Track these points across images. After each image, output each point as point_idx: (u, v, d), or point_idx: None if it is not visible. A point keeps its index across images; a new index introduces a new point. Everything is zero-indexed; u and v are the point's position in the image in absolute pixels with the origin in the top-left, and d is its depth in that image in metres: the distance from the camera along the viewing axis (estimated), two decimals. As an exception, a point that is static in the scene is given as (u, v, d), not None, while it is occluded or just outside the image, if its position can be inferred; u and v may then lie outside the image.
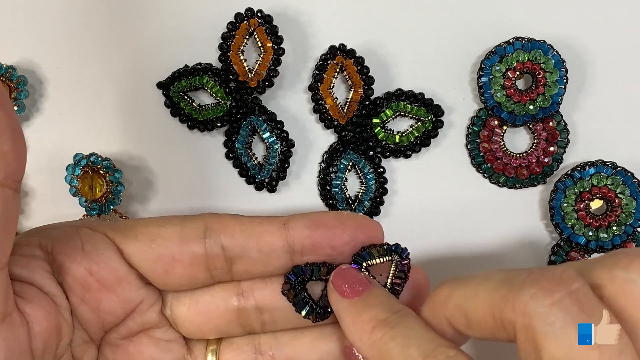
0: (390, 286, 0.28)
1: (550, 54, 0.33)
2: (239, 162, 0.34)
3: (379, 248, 0.27)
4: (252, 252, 0.27)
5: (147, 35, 0.34)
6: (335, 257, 0.28)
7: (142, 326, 0.28)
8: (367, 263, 0.27)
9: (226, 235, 0.27)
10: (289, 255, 0.28)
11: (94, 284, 0.26)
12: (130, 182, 0.34)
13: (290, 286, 0.27)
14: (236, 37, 0.33)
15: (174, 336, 0.29)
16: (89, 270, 0.26)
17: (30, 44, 0.34)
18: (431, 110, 0.34)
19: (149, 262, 0.27)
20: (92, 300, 0.26)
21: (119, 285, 0.27)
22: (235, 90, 0.34)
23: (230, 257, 0.27)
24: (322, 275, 0.27)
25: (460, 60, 0.34)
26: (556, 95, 0.33)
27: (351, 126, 0.34)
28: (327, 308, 0.28)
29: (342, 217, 0.28)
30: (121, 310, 0.27)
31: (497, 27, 0.34)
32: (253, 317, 0.29)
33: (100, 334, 0.28)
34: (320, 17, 0.34)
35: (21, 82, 0.33)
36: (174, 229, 0.27)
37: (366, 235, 0.28)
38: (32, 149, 0.34)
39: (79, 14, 0.34)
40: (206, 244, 0.27)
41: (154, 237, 0.27)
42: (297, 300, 0.28)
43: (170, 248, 0.27)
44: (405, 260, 0.28)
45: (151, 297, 0.28)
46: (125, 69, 0.34)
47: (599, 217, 0.33)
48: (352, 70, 0.33)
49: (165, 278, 0.27)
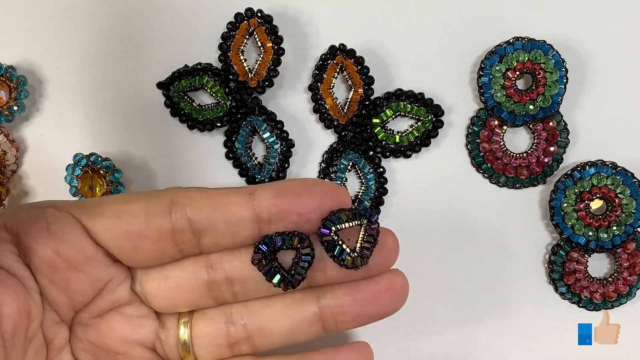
0: (359, 250, 0.27)
1: (550, 54, 0.33)
2: (239, 162, 0.34)
3: (348, 212, 0.27)
4: (219, 224, 0.27)
5: (147, 35, 0.34)
6: (302, 224, 0.27)
7: (113, 304, 0.28)
8: (336, 227, 0.27)
9: (192, 208, 0.27)
10: (257, 225, 0.27)
11: (62, 264, 0.26)
12: (131, 182, 0.34)
13: (262, 256, 0.27)
14: (236, 37, 0.33)
15: (145, 312, 0.29)
16: (55, 251, 0.26)
17: (30, 44, 0.34)
18: (431, 110, 0.34)
19: (116, 239, 0.27)
20: (61, 281, 0.26)
21: (86, 264, 0.27)
22: (235, 90, 0.34)
23: (197, 230, 0.27)
24: (294, 244, 0.27)
25: (460, 60, 0.34)
26: (556, 95, 0.33)
27: (351, 126, 0.34)
28: (298, 275, 0.27)
29: (308, 184, 0.27)
30: (90, 289, 0.27)
31: (497, 27, 0.34)
32: (224, 288, 0.29)
33: (70, 314, 0.27)
34: (320, 17, 0.34)
35: (21, 82, 0.33)
36: (140, 204, 0.27)
37: (333, 200, 0.27)
38: (32, 149, 0.34)
39: (79, 14, 0.34)
40: (172, 218, 0.27)
41: (120, 214, 0.27)
42: (268, 270, 0.27)
43: (137, 224, 0.27)
44: (374, 224, 0.27)
45: (120, 275, 0.28)
46: (125, 69, 0.34)
47: (599, 217, 0.33)
48: (352, 70, 0.33)
49: (134, 254, 0.27)
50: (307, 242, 0.27)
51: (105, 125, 0.34)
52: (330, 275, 0.28)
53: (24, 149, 0.34)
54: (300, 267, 0.27)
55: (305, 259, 0.27)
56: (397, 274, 0.29)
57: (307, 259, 0.27)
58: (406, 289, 0.29)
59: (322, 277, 0.28)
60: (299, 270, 0.27)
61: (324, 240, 0.27)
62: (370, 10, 0.34)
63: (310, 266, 0.27)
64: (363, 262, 0.27)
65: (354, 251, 0.27)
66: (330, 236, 0.27)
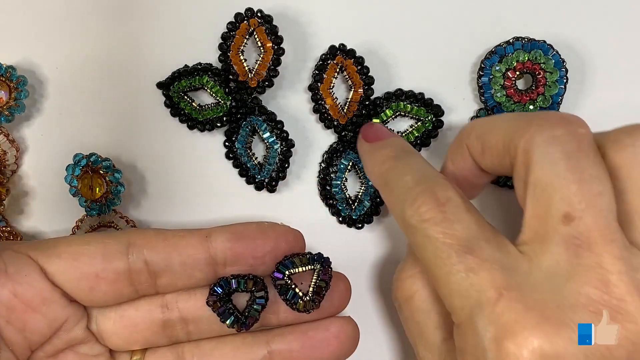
0: (311, 295, 0.28)
1: (550, 54, 0.33)
2: (239, 162, 0.34)
3: (302, 257, 0.28)
4: (175, 266, 0.28)
5: (147, 35, 0.34)
6: (257, 267, 0.28)
7: (69, 343, 0.29)
8: (289, 271, 0.28)
9: (149, 249, 0.28)
10: (212, 267, 0.28)
11: (19, 305, 0.26)
12: (130, 182, 0.34)
13: (217, 298, 0.28)
14: (236, 37, 0.33)
15: (100, 350, 0.29)
16: (13, 292, 0.26)
17: (30, 44, 0.34)
18: (431, 110, 0.34)
19: (73, 280, 0.27)
20: (18, 322, 0.27)
21: (44, 305, 0.27)
22: (235, 90, 0.34)
23: (153, 271, 0.28)
24: (248, 287, 0.28)
25: (460, 60, 0.34)
26: (556, 95, 0.33)
27: (351, 126, 0.34)
28: (251, 318, 0.28)
29: (263, 227, 0.29)
30: (47, 329, 0.28)
31: (497, 27, 0.34)
32: (178, 327, 0.29)
33: (26, 354, 0.28)
34: (320, 17, 0.34)
35: (21, 82, 0.33)
36: (97, 246, 0.28)
37: (288, 244, 0.29)
38: (32, 149, 0.34)
39: (79, 14, 0.34)
40: (129, 259, 0.28)
41: (77, 256, 0.27)
42: (222, 312, 0.28)
43: (94, 265, 0.27)
44: (327, 269, 0.29)
45: (77, 314, 0.28)
46: (125, 69, 0.34)
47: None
48: (352, 70, 0.33)
49: (90, 295, 0.28)
50: (261, 285, 0.28)
51: (105, 125, 0.34)
52: (283, 317, 0.29)
53: (24, 149, 0.34)
54: (254, 310, 0.28)
55: (259, 302, 0.28)
56: (348, 322, 0.30)
57: (261, 302, 0.28)
58: (356, 337, 0.30)
59: (275, 319, 0.29)
60: (253, 313, 0.28)
61: (277, 284, 0.28)
62: (370, 10, 0.34)
63: (263, 309, 0.28)
64: (314, 306, 0.28)
65: (306, 295, 0.28)
66: (283, 280, 0.28)
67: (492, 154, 0.26)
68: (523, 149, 0.24)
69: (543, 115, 0.25)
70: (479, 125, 0.28)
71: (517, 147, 0.24)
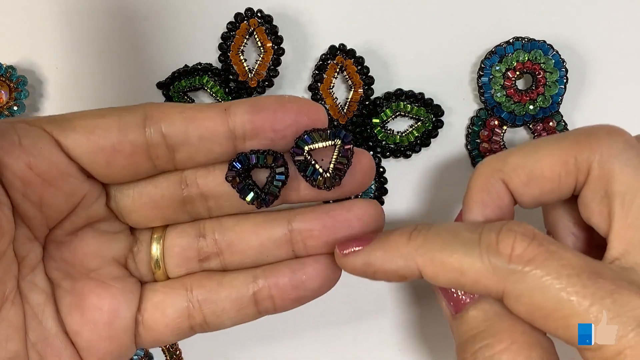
0: (332, 171, 0.27)
1: (550, 54, 0.33)
2: (239, 162, 0.34)
3: (322, 132, 0.27)
4: (194, 139, 0.27)
5: (147, 35, 0.34)
6: (277, 142, 0.27)
7: (87, 220, 0.28)
8: (309, 147, 0.27)
9: (166, 122, 0.26)
10: (231, 141, 0.27)
11: (35, 178, 0.25)
12: (130, 182, 0.34)
13: (236, 173, 0.27)
14: (236, 37, 0.33)
15: (120, 227, 0.29)
16: (28, 165, 0.25)
17: (30, 44, 0.34)
18: (431, 110, 0.34)
19: (90, 154, 0.26)
20: (34, 196, 0.26)
21: (60, 178, 0.26)
22: (235, 90, 0.34)
23: (171, 145, 0.27)
24: (268, 162, 0.27)
25: (460, 60, 0.34)
26: (556, 95, 0.33)
27: (351, 126, 0.34)
28: (271, 194, 0.27)
29: (284, 100, 0.27)
30: (65, 205, 0.27)
31: (497, 27, 0.34)
32: (198, 203, 0.28)
33: (44, 231, 0.27)
34: (320, 17, 0.34)
35: (21, 82, 0.33)
36: (113, 119, 0.26)
37: (309, 118, 0.27)
38: (32, 149, 0.34)
39: (79, 14, 0.34)
40: (146, 132, 0.26)
41: (93, 129, 0.26)
42: (241, 187, 0.27)
43: (110, 138, 0.26)
44: (348, 144, 0.27)
45: (95, 191, 0.27)
46: (125, 69, 0.34)
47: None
48: (352, 70, 0.33)
49: (107, 170, 0.27)
50: (281, 161, 0.27)
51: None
52: (304, 195, 0.28)
53: (24, 149, 0.34)
54: (274, 186, 0.27)
55: (279, 178, 0.27)
56: (372, 204, 0.28)
57: (281, 178, 0.27)
58: (379, 220, 0.28)
59: (296, 196, 0.28)
60: (273, 189, 0.27)
61: (296, 160, 0.27)
62: (370, 10, 0.34)
63: (284, 185, 0.27)
64: (335, 182, 0.27)
65: (326, 171, 0.27)
66: (302, 155, 0.27)
67: (543, 181, 0.25)
68: (599, 162, 0.24)
69: (596, 127, 0.25)
70: (513, 156, 0.26)
71: (590, 161, 0.24)
